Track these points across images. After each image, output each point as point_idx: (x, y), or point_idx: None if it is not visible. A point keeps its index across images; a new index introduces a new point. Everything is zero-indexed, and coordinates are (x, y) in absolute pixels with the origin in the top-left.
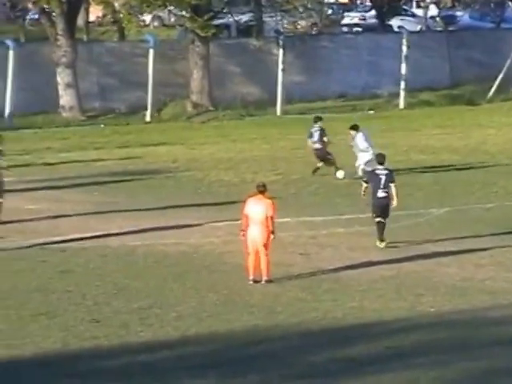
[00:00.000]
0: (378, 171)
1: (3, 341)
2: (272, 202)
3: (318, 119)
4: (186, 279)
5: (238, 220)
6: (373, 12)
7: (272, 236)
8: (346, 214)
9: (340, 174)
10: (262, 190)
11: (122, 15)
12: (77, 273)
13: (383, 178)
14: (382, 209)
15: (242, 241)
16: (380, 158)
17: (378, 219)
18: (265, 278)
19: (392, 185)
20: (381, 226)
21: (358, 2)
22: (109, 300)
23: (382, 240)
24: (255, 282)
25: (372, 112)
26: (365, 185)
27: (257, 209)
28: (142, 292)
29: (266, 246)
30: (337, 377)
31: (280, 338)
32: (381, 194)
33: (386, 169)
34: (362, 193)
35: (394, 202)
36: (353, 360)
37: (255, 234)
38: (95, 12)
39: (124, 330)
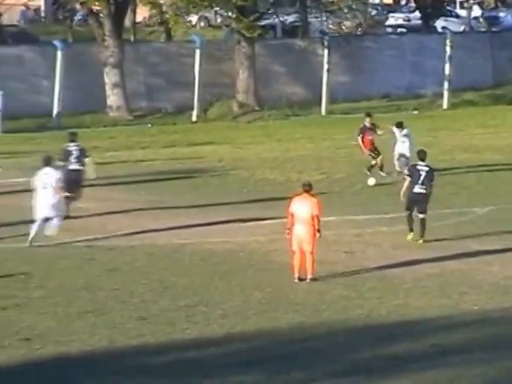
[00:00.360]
0: (418, 167)
1: (51, 338)
2: (318, 201)
3: (365, 116)
4: (232, 277)
5: (283, 218)
6: (417, 13)
7: (318, 234)
8: (389, 213)
9: (371, 181)
10: (307, 188)
11: (168, 16)
12: (124, 271)
13: (423, 174)
14: (415, 204)
15: (287, 239)
16: (422, 155)
17: (407, 212)
18: (310, 276)
19: (431, 183)
20: (411, 219)
21: (403, 2)
22: (155, 298)
23: (411, 231)
24: (300, 280)
25: (416, 112)
26: (408, 179)
27: (303, 207)
28: (188, 290)
29: (311, 244)
30: (381, 374)
31: (325, 336)
32: (417, 189)
33: (427, 165)
34: (402, 193)
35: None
36: (397, 357)
37: (301, 233)
38: (142, 13)
39: (170, 327)
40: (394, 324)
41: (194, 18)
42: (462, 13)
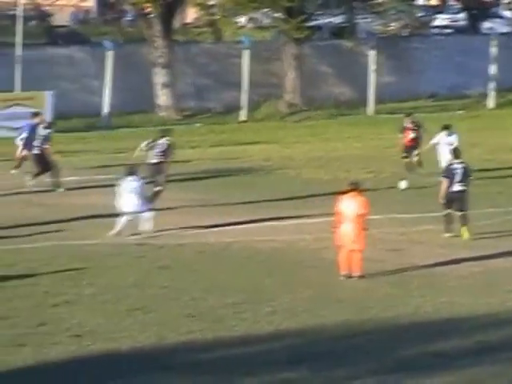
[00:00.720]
0: (454, 165)
1: (101, 335)
2: (365, 200)
3: (404, 116)
4: (280, 275)
5: (330, 217)
6: (463, 14)
7: (364, 232)
8: (435, 212)
9: (402, 184)
10: (354, 187)
11: (217, 17)
12: (173, 268)
13: (460, 171)
14: (455, 202)
15: (333, 237)
16: (456, 153)
17: (447, 211)
18: (357, 273)
19: (469, 179)
20: (449, 218)
21: (451, 2)
22: (204, 295)
23: (448, 231)
24: (347, 277)
25: (461, 112)
26: (445, 180)
27: (350, 206)
28: (236, 287)
29: (358, 242)
30: (426, 371)
31: (371, 333)
32: (457, 187)
33: (461, 162)
34: (440, 196)
35: None
36: (442, 355)
37: (348, 231)
38: (191, 14)
39: (219, 324)
40: (439, 321)
41: (242, 19)
42: (507, 14)
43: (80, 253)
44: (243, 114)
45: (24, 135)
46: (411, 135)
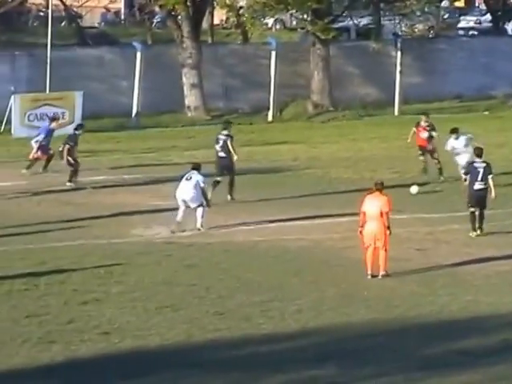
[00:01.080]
0: (476, 164)
1: (130, 332)
2: (388, 199)
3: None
4: (306, 273)
5: (357, 216)
6: (488, 16)
7: (388, 232)
8: (461, 211)
9: (413, 189)
10: (379, 187)
11: (245, 19)
12: (201, 267)
13: (481, 170)
14: (478, 200)
15: (360, 237)
16: (478, 151)
17: (471, 209)
18: (382, 272)
19: (489, 177)
20: (474, 217)
21: (476, 4)
22: (231, 293)
23: (474, 229)
24: (373, 276)
25: (487, 113)
26: (464, 176)
27: (374, 205)
28: (263, 286)
29: (383, 241)
30: (452, 369)
31: (397, 331)
32: (478, 186)
33: (483, 161)
34: (463, 180)
35: (493, 194)
36: (468, 353)
37: (373, 230)
38: (219, 15)
39: (246, 322)
40: (465, 320)
41: (269, 21)
42: None
43: (108, 251)
44: (271, 114)
45: (39, 138)
46: (424, 135)
